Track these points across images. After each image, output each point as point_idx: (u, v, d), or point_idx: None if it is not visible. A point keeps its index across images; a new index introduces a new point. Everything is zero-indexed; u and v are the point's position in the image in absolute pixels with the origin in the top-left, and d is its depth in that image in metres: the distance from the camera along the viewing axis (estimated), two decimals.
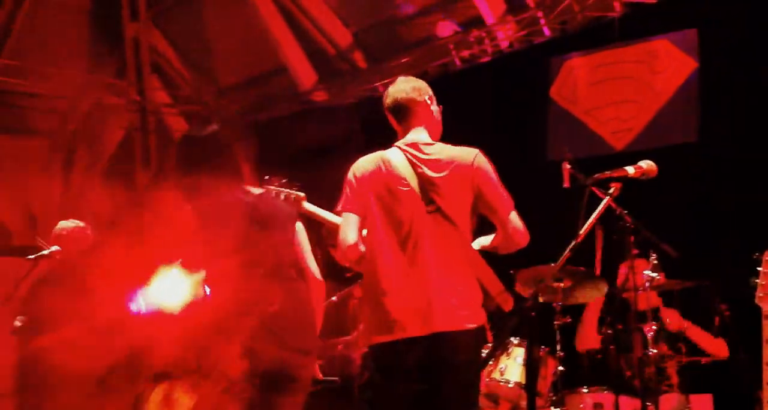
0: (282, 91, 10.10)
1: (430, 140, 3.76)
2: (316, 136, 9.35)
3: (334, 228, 3.93)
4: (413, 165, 3.66)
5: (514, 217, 3.61)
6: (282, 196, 4.25)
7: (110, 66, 10.63)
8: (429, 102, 3.81)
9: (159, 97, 10.95)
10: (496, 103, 7.70)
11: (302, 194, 4.23)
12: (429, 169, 3.64)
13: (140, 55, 10.54)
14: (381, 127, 8.08)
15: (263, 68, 10.26)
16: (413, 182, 3.63)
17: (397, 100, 3.79)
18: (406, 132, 3.79)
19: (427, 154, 3.68)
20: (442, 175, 3.62)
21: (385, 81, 8.82)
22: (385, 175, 3.68)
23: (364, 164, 3.76)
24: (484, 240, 3.77)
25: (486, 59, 8.09)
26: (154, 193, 11.15)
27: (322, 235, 7.93)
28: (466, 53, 8.14)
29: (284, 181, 4.25)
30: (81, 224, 6.13)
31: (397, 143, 3.78)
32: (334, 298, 6.85)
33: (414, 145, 3.71)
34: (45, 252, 6.13)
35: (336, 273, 7.56)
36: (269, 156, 9.79)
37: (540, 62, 7.60)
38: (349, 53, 9.48)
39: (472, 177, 3.62)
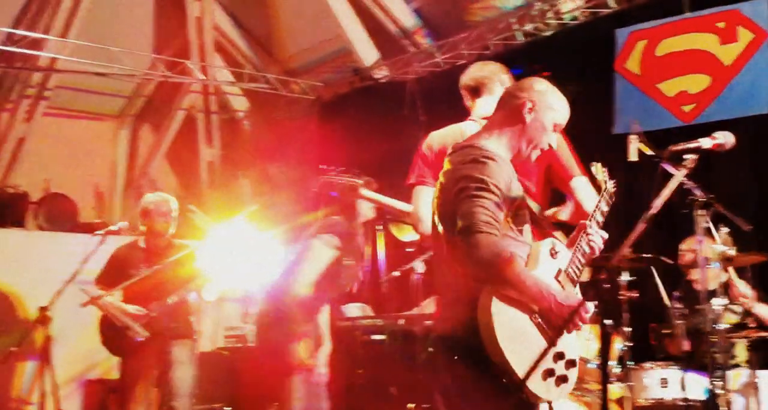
0: (345, 69, 10.12)
1: None
2: (380, 112, 9.32)
3: (394, 212, 4.08)
4: None
5: (587, 187, 3.60)
6: (340, 184, 4.24)
7: (174, 45, 10.72)
8: (502, 81, 3.89)
9: (222, 77, 11.05)
10: (561, 77, 7.58)
11: (360, 181, 4.22)
12: None
13: (203, 34, 10.62)
14: (441, 102, 8.10)
15: (326, 46, 10.28)
16: None
17: (474, 78, 3.89)
18: (478, 108, 3.83)
19: None
20: None
21: (446, 56, 8.79)
22: None
23: (439, 136, 3.79)
24: (558, 210, 3.77)
25: (549, 32, 7.99)
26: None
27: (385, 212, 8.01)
28: (529, 27, 8.05)
29: (342, 168, 4.25)
30: (166, 196, 6.27)
31: (472, 116, 3.83)
32: (396, 273, 6.90)
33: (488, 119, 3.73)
34: (113, 227, 6.28)
35: (398, 248, 7.64)
36: (333, 134, 9.86)
37: (605, 34, 7.47)
38: (410, 30, 9.45)
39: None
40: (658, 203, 3.19)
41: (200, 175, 11.41)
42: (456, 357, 2.76)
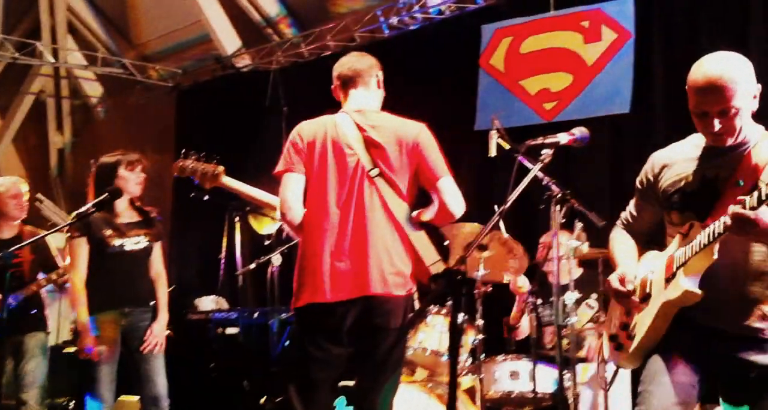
0: (205, 57, 9.92)
1: (377, 108, 3.86)
2: (241, 102, 9.17)
3: (255, 202, 4.06)
4: (360, 129, 3.71)
5: (453, 188, 3.69)
6: (200, 170, 4.14)
7: (24, 25, 10.28)
8: (378, 76, 3.89)
9: (75, 60, 10.64)
10: (426, 72, 7.62)
11: (221, 168, 4.17)
12: (375, 134, 3.69)
13: (55, 14, 10.21)
14: (304, 93, 8.00)
15: (186, 33, 10.05)
16: (359, 146, 3.68)
17: (347, 69, 3.87)
18: (351, 100, 3.85)
19: (375, 121, 3.74)
20: (387, 141, 3.68)
21: (311, 47, 8.70)
22: (332, 138, 3.71)
23: (309, 126, 3.80)
24: (423, 210, 3.78)
25: (415, 26, 8.01)
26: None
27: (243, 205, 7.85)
28: (394, 20, 8.04)
29: (202, 154, 4.15)
30: (15, 178, 6.01)
31: (344, 109, 3.85)
32: (252, 266, 6.79)
33: (362, 111, 3.79)
34: None
35: (254, 241, 7.53)
36: (193, 122, 9.64)
37: (471, 30, 7.52)
38: (274, 19, 9.32)
39: (416, 148, 3.69)
40: (512, 197, 3.19)
41: (49, 163, 10.99)
42: None
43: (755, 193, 2.57)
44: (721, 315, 2.89)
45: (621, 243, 3.31)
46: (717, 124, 2.83)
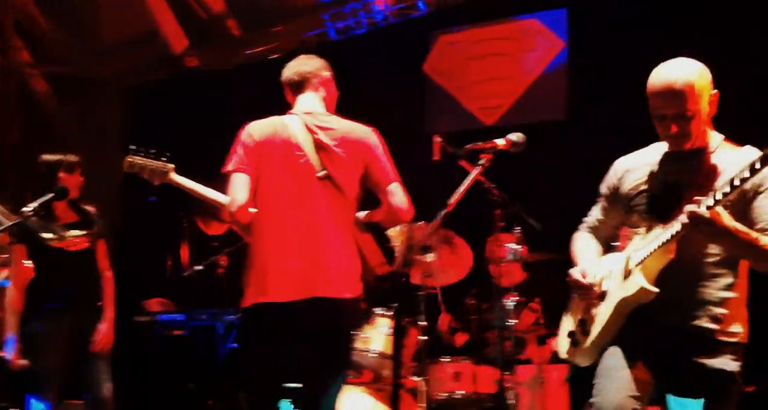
0: (154, 55, 9.83)
1: (326, 111, 3.83)
2: (190, 101, 9.13)
3: (206, 201, 3.94)
4: (310, 131, 3.70)
5: (400, 192, 3.69)
6: (149, 167, 4.12)
7: None
8: (328, 77, 3.89)
9: (22, 56, 10.47)
10: (373, 76, 7.69)
11: (171, 165, 4.07)
12: (324, 137, 3.69)
13: (3, 9, 10.04)
14: (253, 93, 7.99)
15: (135, 31, 9.93)
16: (308, 148, 3.67)
17: (294, 74, 3.85)
18: (301, 103, 3.84)
19: (324, 123, 3.74)
20: (336, 144, 3.68)
21: (260, 49, 8.70)
22: (281, 139, 3.70)
23: (260, 126, 3.76)
24: (370, 213, 3.81)
25: (361, 31, 8.08)
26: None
27: (191, 206, 7.81)
28: (341, 24, 8.10)
29: (152, 151, 4.12)
30: None
31: (293, 110, 3.83)
32: (199, 267, 6.77)
33: (311, 113, 3.77)
34: None
35: (202, 242, 7.51)
36: (142, 121, 9.57)
37: (417, 36, 7.64)
38: (222, 19, 9.28)
39: (364, 151, 3.69)
40: (452, 201, 3.26)
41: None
42: None
43: (711, 194, 2.67)
44: (676, 314, 2.97)
45: (584, 243, 3.40)
46: (674, 127, 2.93)
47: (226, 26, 9.26)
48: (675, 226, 2.83)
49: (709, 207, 2.68)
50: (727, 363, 2.95)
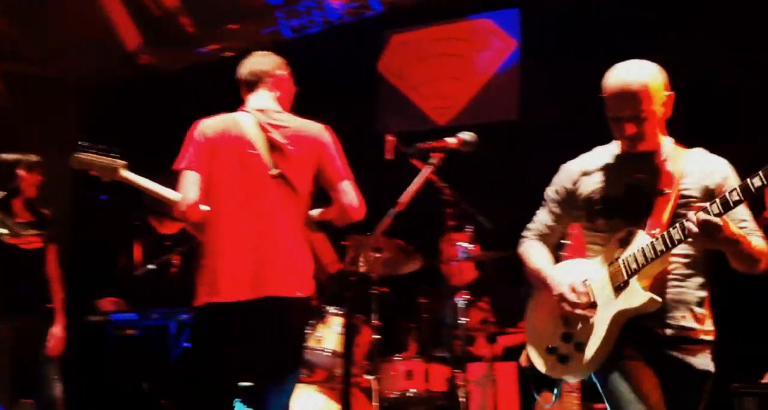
0: (107, 53, 9.74)
1: (280, 109, 3.82)
2: (143, 99, 9.08)
3: (157, 198, 3.90)
4: (262, 129, 3.70)
5: (352, 193, 3.72)
6: (99, 163, 4.06)
7: None
8: (283, 75, 3.89)
9: None
10: (326, 75, 7.69)
11: (122, 162, 4.01)
12: (277, 134, 3.69)
13: None
14: (207, 91, 7.96)
15: (88, 28, 9.84)
16: (260, 145, 3.67)
17: (248, 72, 3.85)
18: (255, 100, 3.83)
19: (277, 121, 3.74)
20: (288, 142, 3.68)
21: (214, 47, 8.68)
22: (233, 136, 3.69)
23: (211, 123, 3.76)
24: (322, 211, 3.82)
25: (315, 30, 8.09)
26: None
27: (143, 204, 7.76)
28: (295, 23, 8.10)
29: (102, 147, 4.07)
30: None
31: (246, 107, 3.82)
32: (152, 266, 6.73)
33: (264, 111, 3.77)
34: None
35: (154, 241, 7.47)
36: (94, 119, 9.49)
37: (371, 36, 7.67)
38: (176, 17, 9.22)
39: (317, 150, 3.70)
40: (403, 199, 3.30)
41: None
42: None
43: (717, 201, 2.68)
44: (658, 317, 2.94)
45: (538, 253, 3.30)
46: (629, 129, 2.97)
47: (180, 24, 9.21)
48: (675, 234, 2.81)
49: (717, 215, 2.68)
50: (708, 362, 2.99)
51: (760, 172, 2.60)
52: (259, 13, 8.39)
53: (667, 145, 3.08)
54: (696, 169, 2.95)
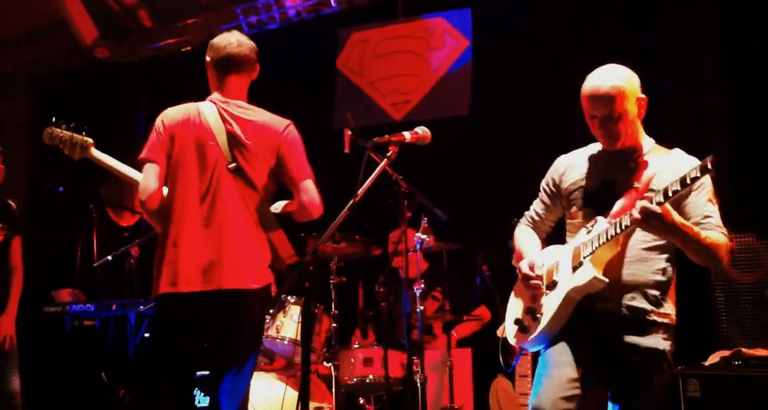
0: (63, 46, 9.68)
1: (245, 101, 3.78)
2: (100, 93, 9.06)
3: (125, 178, 3.89)
4: (224, 120, 3.67)
5: (312, 190, 3.70)
6: (68, 142, 4.06)
7: None
8: (257, 63, 3.83)
9: None
10: (285, 71, 7.76)
11: (90, 140, 4.03)
12: (239, 127, 3.66)
13: None
14: (164, 85, 7.99)
15: (42, 20, 9.77)
16: (221, 137, 3.64)
17: (229, 54, 3.75)
18: (224, 87, 3.76)
19: (240, 113, 3.70)
20: (250, 136, 3.65)
21: (172, 41, 8.68)
22: (195, 127, 3.66)
23: (174, 113, 3.72)
24: (281, 205, 3.83)
25: (274, 26, 8.16)
26: None
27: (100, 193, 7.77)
28: (253, 19, 8.17)
29: (72, 125, 4.09)
30: None
31: (211, 97, 3.78)
32: (110, 257, 6.74)
33: (228, 103, 3.73)
34: None
35: (112, 232, 7.49)
36: (50, 114, 9.41)
37: (328, 33, 7.78)
38: (134, 10, 9.21)
39: (279, 144, 3.67)
40: (360, 191, 3.38)
41: None
42: None
43: (661, 192, 2.88)
44: (612, 298, 3.17)
45: (526, 236, 3.57)
46: (604, 127, 3.21)
47: (138, 17, 9.19)
48: (624, 220, 3.03)
49: (659, 204, 2.88)
50: (658, 341, 3.17)
51: (697, 166, 2.80)
52: (217, 9, 8.42)
53: (647, 144, 3.32)
54: (670, 168, 3.16)
